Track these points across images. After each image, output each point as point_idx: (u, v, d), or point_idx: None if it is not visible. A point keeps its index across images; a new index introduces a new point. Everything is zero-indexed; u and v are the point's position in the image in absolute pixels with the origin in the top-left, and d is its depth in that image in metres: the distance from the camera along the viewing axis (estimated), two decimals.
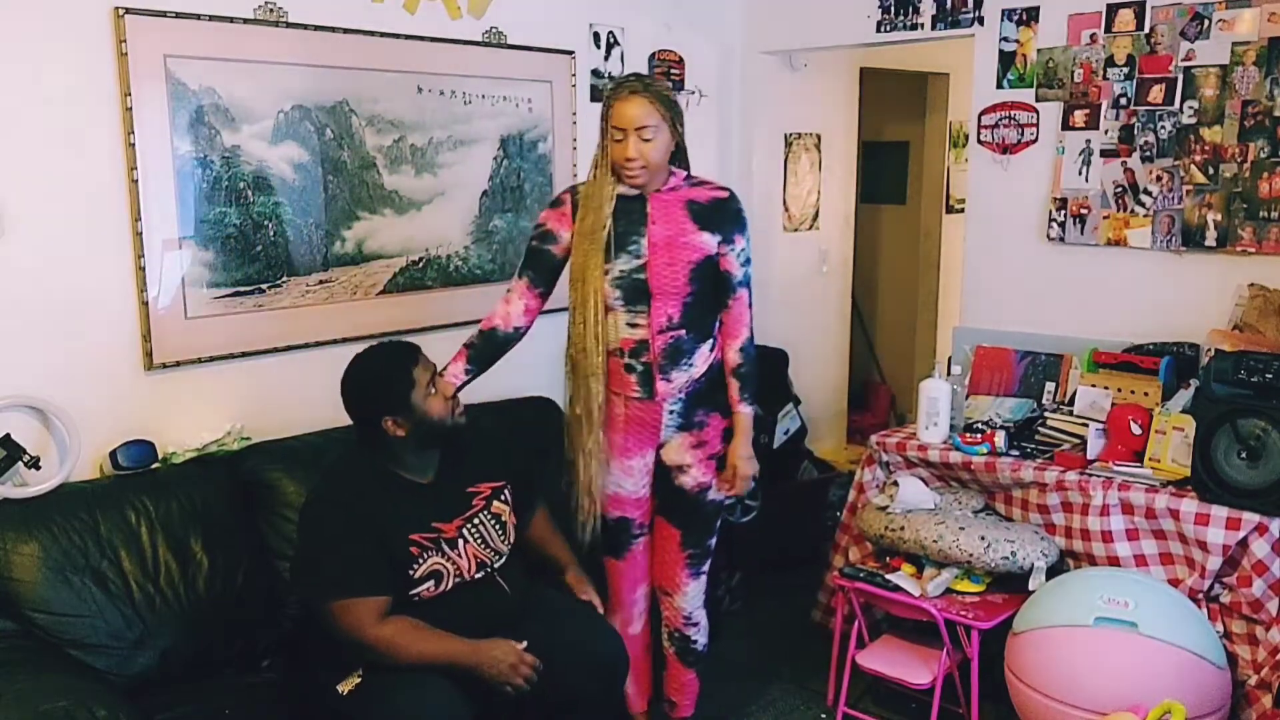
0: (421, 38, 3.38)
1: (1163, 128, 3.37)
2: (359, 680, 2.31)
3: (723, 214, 2.63)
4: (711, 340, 2.71)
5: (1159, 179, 3.40)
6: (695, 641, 2.89)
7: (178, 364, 2.92)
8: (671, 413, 2.68)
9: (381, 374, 2.44)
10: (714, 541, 2.83)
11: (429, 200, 3.47)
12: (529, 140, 3.75)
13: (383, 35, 3.28)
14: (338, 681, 2.32)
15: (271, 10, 3.03)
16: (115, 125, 2.75)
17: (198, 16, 2.86)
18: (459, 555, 2.44)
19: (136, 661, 2.49)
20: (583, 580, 2.69)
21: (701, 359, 2.68)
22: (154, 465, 2.80)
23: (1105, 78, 3.48)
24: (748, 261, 2.67)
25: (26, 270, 2.64)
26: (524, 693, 2.34)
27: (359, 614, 2.28)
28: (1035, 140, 3.67)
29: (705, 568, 2.83)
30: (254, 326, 3.07)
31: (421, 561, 2.38)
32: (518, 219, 3.75)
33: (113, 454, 2.73)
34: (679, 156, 2.65)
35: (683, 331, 2.63)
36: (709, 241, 2.61)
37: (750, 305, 2.69)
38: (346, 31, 3.19)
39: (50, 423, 2.69)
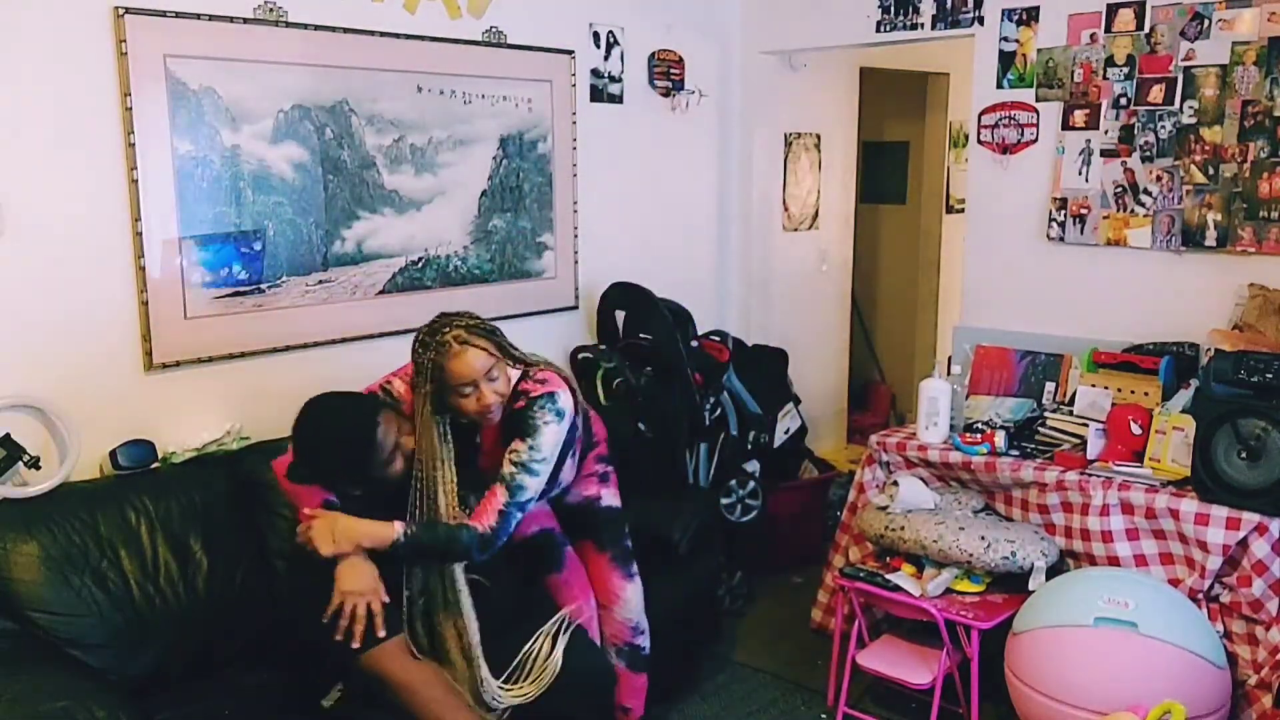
0: (421, 37, 3.38)
1: (1163, 128, 3.37)
2: (339, 695, 2.30)
3: (517, 422, 2.38)
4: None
5: (1159, 179, 3.40)
6: (643, 649, 2.78)
7: (177, 364, 2.92)
8: None
9: (341, 451, 2.29)
10: (630, 543, 2.78)
11: (429, 200, 3.47)
12: (528, 140, 3.75)
13: (383, 35, 3.28)
14: (321, 696, 2.32)
15: (271, 10, 3.03)
16: (115, 125, 2.75)
17: (198, 16, 2.86)
18: None
19: (136, 661, 2.49)
20: None
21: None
22: (154, 465, 2.80)
23: (1105, 78, 3.48)
24: (521, 466, 2.34)
25: (26, 270, 2.64)
26: None
27: (385, 656, 2.24)
28: (1035, 140, 3.67)
29: (634, 569, 2.77)
30: (253, 326, 3.07)
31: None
32: (517, 219, 3.75)
33: (113, 454, 2.73)
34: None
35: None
36: None
37: (504, 502, 2.33)
38: (346, 31, 3.19)
39: (50, 423, 2.69)
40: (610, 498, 2.75)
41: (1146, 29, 3.38)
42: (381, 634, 2.23)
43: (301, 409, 2.38)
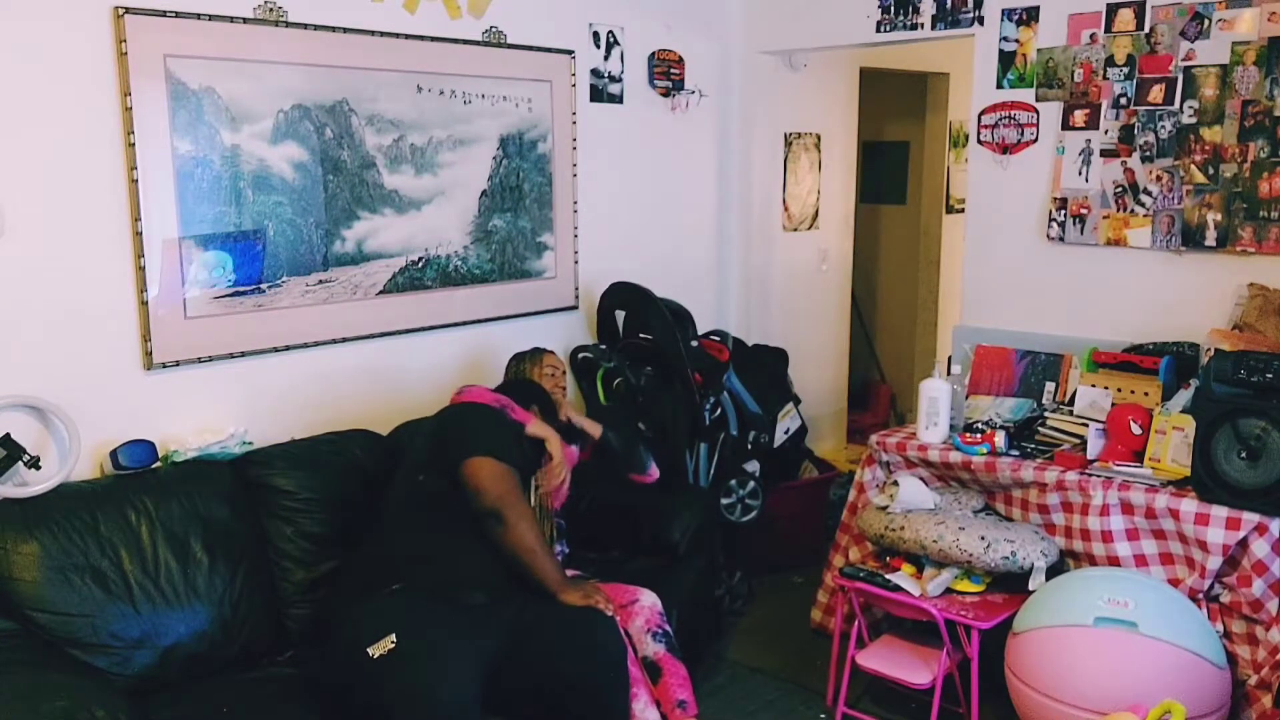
0: (421, 37, 3.38)
1: (1163, 128, 3.37)
2: (392, 646, 2.33)
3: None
4: None
5: (1159, 179, 3.40)
6: (673, 631, 2.88)
7: (178, 364, 2.92)
8: None
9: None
10: None
11: (429, 200, 3.47)
12: (529, 140, 3.75)
13: (383, 35, 3.28)
14: (370, 644, 2.34)
15: (271, 10, 3.03)
16: (115, 125, 2.75)
17: (198, 16, 2.86)
18: None
19: (136, 661, 2.49)
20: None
21: None
22: (154, 465, 2.80)
23: (1105, 77, 3.48)
24: None
25: (27, 270, 2.64)
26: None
27: (513, 482, 2.63)
28: (1035, 140, 3.67)
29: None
30: (254, 326, 3.07)
31: None
32: (517, 219, 3.75)
33: (113, 454, 2.73)
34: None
35: None
36: None
37: None
38: (346, 31, 3.19)
39: (50, 423, 2.69)
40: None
41: (1146, 29, 3.38)
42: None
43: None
